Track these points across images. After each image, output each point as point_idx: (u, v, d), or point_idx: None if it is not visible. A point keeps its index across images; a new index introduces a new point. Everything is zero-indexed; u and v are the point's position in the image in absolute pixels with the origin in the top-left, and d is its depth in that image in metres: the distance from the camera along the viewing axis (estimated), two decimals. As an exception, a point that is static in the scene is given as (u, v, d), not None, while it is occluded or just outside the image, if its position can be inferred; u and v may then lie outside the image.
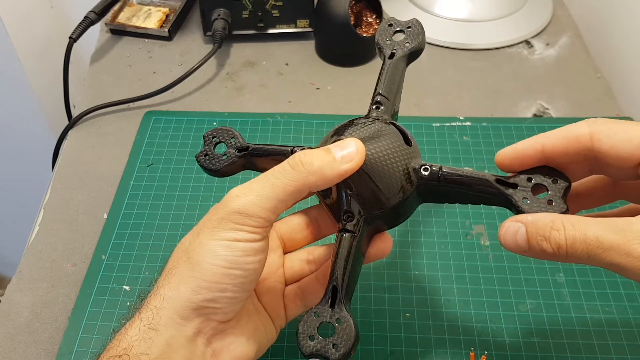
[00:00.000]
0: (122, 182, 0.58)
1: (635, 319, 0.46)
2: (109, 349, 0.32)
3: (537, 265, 0.50)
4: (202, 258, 0.32)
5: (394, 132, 0.36)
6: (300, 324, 0.32)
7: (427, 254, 0.51)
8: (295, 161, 0.33)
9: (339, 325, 0.32)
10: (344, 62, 0.70)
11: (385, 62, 0.40)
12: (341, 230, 0.35)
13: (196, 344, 0.32)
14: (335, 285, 0.33)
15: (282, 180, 0.32)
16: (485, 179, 0.34)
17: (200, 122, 0.63)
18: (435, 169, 0.35)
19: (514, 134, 0.60)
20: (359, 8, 0.69)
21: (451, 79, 0.68)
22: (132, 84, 0.69)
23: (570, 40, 0.73)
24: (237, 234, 0.32)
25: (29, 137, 0.96)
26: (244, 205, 0.32)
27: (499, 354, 0.45)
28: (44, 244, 0.53)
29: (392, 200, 0.35)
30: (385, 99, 0.39)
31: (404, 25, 0.42)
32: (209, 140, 0.40)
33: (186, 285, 0.32)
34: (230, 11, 0.70)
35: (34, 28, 0.87)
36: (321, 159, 0.33)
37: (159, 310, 0.32)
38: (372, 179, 0.34)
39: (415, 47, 0.40)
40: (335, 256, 0.34)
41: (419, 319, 0.47)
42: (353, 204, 0.35)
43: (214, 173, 0.40)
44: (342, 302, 0.33)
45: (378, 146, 0.35)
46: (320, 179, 0.33)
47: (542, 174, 0.33)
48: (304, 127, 0.62)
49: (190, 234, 0.34)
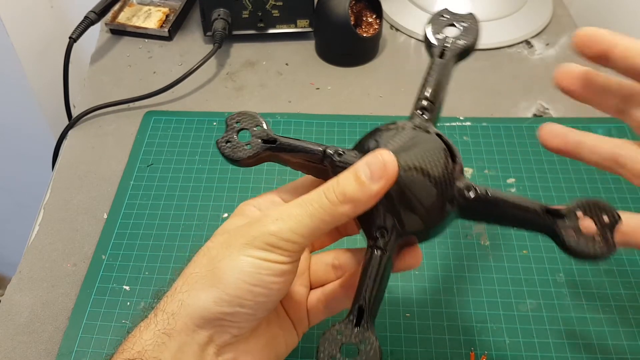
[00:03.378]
0: (122, 182, 0.58)
1: (635, 319, 0.46)
2: (122, 351, 0.31)
3: (537, 265, 0.50)
4: (229, 271, 0.31)
5: (439, 145, 0.33)
6: (321, 341, 0.30)
7: (427, 254, 0.51)
8: (330, 192, 0.32)
9: (363, 348, 0.30)
10: (344, 62, 0.70)
11: (435, 61, 0.37)
12: (372, 247, 0.33)
13: (207, 352, 0.32)
14: (361, 305, 0.31)
15: (320, 210, 0.31)
16: (534, 209, 0.32)
17: (200, 122, 0.63)
18: (481, 191, 0.32)
19: (514, 134, 0.60)
20: (359, 8, 0.69)
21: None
22: (132, 84, 0.69)
23: (570, 40, 0.73)
24: (268, 255, 0.31)
25: (29, 137, 0.96)
26: (281, 229, 0.31)
27: (499, 354, 0.45)
28: (44, 244, 0.53)
29: (432, 221, 0.32)
30: (431, 104, 0.36)
31: (458, 18, 0.38)
32: (231, 126, 0.36)
33: (207, 294, 0.31)
34: (230, 11, 0.70)
35: (34, 28, 0.87)
36: (352, 185, 0.31)
37: (175, 316, 0.31)
38: (411, 196, 0.32)
39: (468, 45, 0.37)
40: (363, 272, 0.32)
41: (419, 319, 0.47)
42: (388, 219, 0.32)
43: (236, 163, 0.36)
44: (367, 323, 0.31)
45: (420, 160, 0.32)
46: (356, 207, 0.31)
47: (591, 208, 0.31)
48: (304, 127, 0.62)
49: (218, 243, 0.33)
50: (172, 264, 0.51)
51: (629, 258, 0.50)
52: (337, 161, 0.34)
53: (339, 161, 0.34)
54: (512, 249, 0.51)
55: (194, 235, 0.53)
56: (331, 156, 0.34)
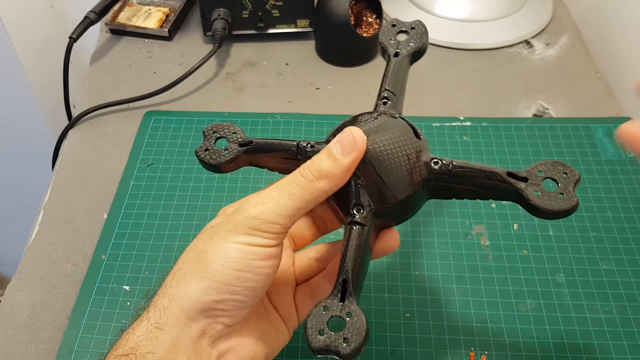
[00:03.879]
0: (122, 182, 0.58)
1: (635, 319, 0.46)
2: (116, 348, 0.32)
3: (537, 265, 0.50)
4: (214, 259, 0.32)
5: (403, 125, 0.36)
6: (309, 318, 0.31)
7: (427, 254, 0.51)
8: (305, 170, 0.33)
9: (349, 319, 0.31)
10: (344, 62, 0.70)
11: (391, 60, 0.40)
12: (350, 223, 0.34)
13: (201, 345, 0.32)
14: (345, 278, 0.32)
15: (298, 189, 0.32)
16: (497, 172, 0.34)
17: (200, 122, 0.63)
18: (445, 162, 0.35)
19: (514, 134, 0.60)
20: (359, 8, 0.69)
21: (451, 79, 0.68)
22: (132, 84, 0.69)
23: (570, 40, 0.73)
24: (252, 239, 0.32)
25: (29, 137, 0.96)
26: (261, 212, 0.32)
27: (499, 354, 0.45)
28: (44, 244, 0.53)
29: (402, 193, 0.34)
30: (392, 94, 0.39)
31: (407, 26, 0.42)
32: (209, 135, 0.39)
33: (196, 285, 0.32)
34: (230, 11, 0.70)
35: (34, 28, 0.87)
36: (326, 161, 0.33)
37: (167, 309, 0.32)
38: (381, 169, 0.34)
39: (419, 47, 0.41)
40: (344, 249, 0.34)
41: (419, 319, 0.47)
42: (362, 195, 0.34)
43: (215, 169, 0.38)
44: (352, 296, 0.32)
45: (386, 138, 0.35)
46: (332, 182, 0.33)
47: (550, 168, 0.34)
48: (304, 127, 0.62)
49: (203, 237, 0.34)
50: (172, 264, 0.51)
51: (629, 258, 0.50)
52: (310, 152, 0.36)
53: (311, 151, 0.36)
54: (512, 249, 0.51)
55: (194, 235, 0.52)
56: (304, 148, 0.37)
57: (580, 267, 0.50)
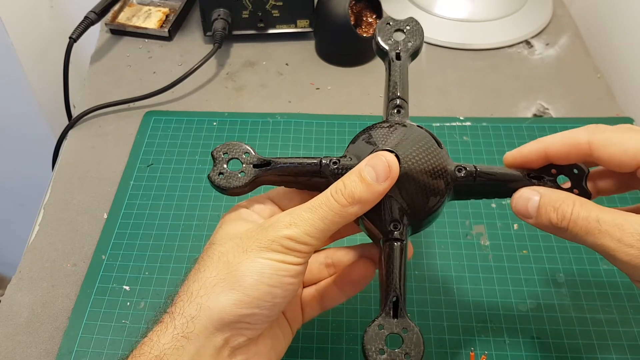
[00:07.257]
0: (122, 182, 0.58)
1: (635, 319, 0.46)
2: (139, 355, 0.32)
3: (537, 265, 0.50)
4: (249, 273, 0.32)
5: (425, 136, 0.36)
6: (366, 339, 0.32)
7: (427, 254, 0.51)
8: (339, 195, 0.33)
9: (405, 335, 0.32)
10: (344, 62, 0.70)
11: (395, 64, 0.40)
12: (390, 240, 0.35)
13: (222, 355, 0.33)
14: (396, 297, 0.33)
15: (331, 213, 0.33)
16: (518, 175, 0.36)
17: (200, 122, 0.63)
18: (470, 169, 0.36)
19: (514, 134, 0.60)
20: (359, 8, 0.69)
21: (451, 79, 0.68)
22: (132, 84, 0.69)
23: (570, 40, 0.73)
24: (285, 257, 0.33)
25: (29, 137, 0.96)
26: (296, 234, 0.33)
27: (499, 354, 0.45)
28: (44, 244, 0.53)
29: (434, 205, 0.35)
30: (404, 102, 0.39)
31: (402, 24, 0.42)
32: (219, 157, 0.36)
33: (227, 297, 0.32)
34: (230, 11, 0.70)
35: (34, 28, 0.87)
36: (360, 187, 0.33)
37: (194, 319, 0.32)
38: (413, 186, 0.35)
39: (417, 46, 0.41)
40: (388, 266, 0.34)
41: (419, 319, 0.47)
42: (396, 211, 0.35)
43: (232, 192, 0.36)
44: (404, 312, 0.33)
45: (415, 154, 0.35)
46: (364, 207, 0.34)
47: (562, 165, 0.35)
48: (304, 127, 0.62)
49: (232, 249, 0.34)
50: (172, 264, 0.51)
51: (629, 258, 0.50)
52: (335, 168, 0.36)
53: (336, 168, 0.36)
54: (512, 249, 0.51)
55: (194, 235, 0.53)
56: (327, 165, 0.36)
57: (580, 267, 0.50)
